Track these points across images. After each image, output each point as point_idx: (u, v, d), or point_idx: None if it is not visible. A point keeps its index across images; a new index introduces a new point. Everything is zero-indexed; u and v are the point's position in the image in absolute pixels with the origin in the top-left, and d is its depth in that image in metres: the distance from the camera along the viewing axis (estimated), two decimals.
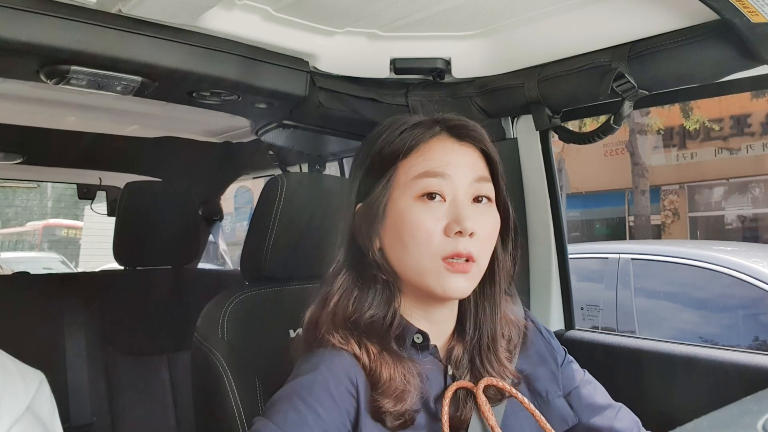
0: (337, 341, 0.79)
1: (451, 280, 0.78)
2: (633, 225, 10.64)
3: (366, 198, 0.83)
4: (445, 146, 0.82)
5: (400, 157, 0.81)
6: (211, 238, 2.73)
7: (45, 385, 0.73)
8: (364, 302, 0.81)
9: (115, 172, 2.62)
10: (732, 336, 3.08)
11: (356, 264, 0.83)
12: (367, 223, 0.82)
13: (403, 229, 0.79)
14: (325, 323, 0.81)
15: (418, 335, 0.83)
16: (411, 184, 0.80)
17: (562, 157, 9.69)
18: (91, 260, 11.77)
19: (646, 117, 9.58)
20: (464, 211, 0.79)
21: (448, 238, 0.78)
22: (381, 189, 0.81)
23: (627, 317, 3.35)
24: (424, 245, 0.78)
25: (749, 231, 10.42)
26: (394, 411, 0.75)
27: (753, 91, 7.23)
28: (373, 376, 0.77)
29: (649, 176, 9.94)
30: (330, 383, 0.76)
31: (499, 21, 1.18)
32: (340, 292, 0.82)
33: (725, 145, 10.47)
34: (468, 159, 0.82)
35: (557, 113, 1.30)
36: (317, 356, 0.79)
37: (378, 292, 0.82)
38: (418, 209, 0.79)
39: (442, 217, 0.79)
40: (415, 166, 0.81)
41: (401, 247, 0.80)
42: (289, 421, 0.73)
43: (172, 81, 1.19)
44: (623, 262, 3.45)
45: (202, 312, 1.07)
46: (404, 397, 0.76)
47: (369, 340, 0.79)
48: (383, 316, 0.81)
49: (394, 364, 0.78)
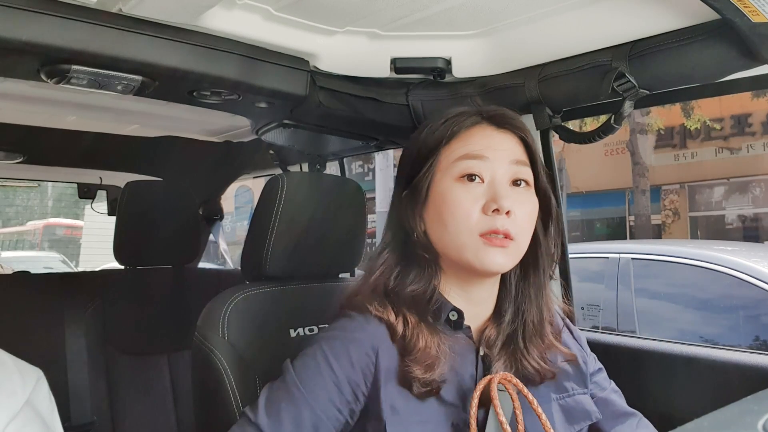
0: (374, 308, 0.85)
1: (489, 254, 0.82)
2: (633, 225, 10.64)
3: (411, 183, 0.89)
4: (485, 132, 0.88)
5: (443, 143, 0.87)
6: (212, 237, 2.73)
7: (43, 382, 0.74)
8: (406, 277, 0.87)
9: (116, 172, 2.62)
10: (732, 336, 3.08)
11: (401, 245, 0.89)
12: (411, 207, 0.88)
13: (443, 208, 0.85)
14: (365, 292, 0.88)
15: (453, 312, 0.87)
16: (452, 166, 0.86)
17: (562, 157, 9.70)
18: (91, 259, 11.78)
19: (647, 116, 9.57)
20: (502, 191, 0.84)
21: (486, 216, 0.83)
22: (424, 173, 0.87)
23: (627, 317, 3.35)
24: (463, 223, 0.83)
25: (750, 231, 10.42)
26: (423, 378, 0.80)
27: (753, 91, 7.23)
28: (408, 344, 0.82)
29: (650, 176, 9.94)
30: (351, 345, 0.82)
31: (499, 21, 1.18)
32: (383, 268, 0.88)
33: (726, 144, 10.47)
34: (507, 144, 0.88)
35: (558, 113, 1.30)
36: (347, 319, 0.86)
37: (420, 269, 0.87)
38: (457, 189, 0.85)
39: (481, 196, 0.84)
40: (456, 150, 0.86)
41: (441, 225, 0.85)
42: (306, 367, 0.82)
43: (172, 80, 1.19)
44: (624, 262, 3.45)
45: (202, 311, 1.07)
46: (435, 366, 0.81)
47: (408, 311, 0.84)
48: (423, 291, 0.86)
49: (431, 335, 0.83)
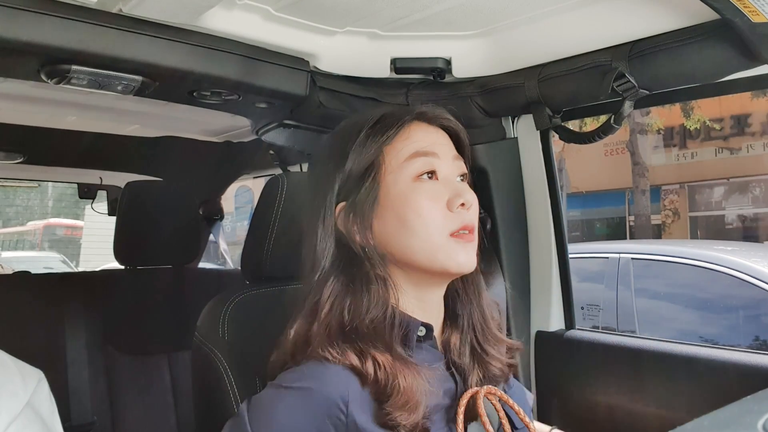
0: (332, 356, 0.74)
1: (461, 252, 0.79)
2: (633, 225, 10.63)
3: (351, 196, 0.81)
4: (423, 128, 0.84)
5: (386, 143, 0.81)
6: (212, 237, 2.73)
7: (44, 383, 0.74)
8: (360, 306, 0.77)
9: (116, 172, 2.62)
10: (732, 336, 3.08)
11: (346, 266, 0.80)
12: (358, 219, 0.80)
13: (407, 212, 0.79)
14: (317, 336, 0.76)
15: (421, 328, 0.81)
16: (404, 165, 0.80)
17: (562, 157, 9.69)
18: (91, 260, 11.77)
19: (647, 117, 9.57)
20: (460, 185, 0.82)
21: (451, 213, 0.79)
22: (371, 180, 0.80)
23: (627, 317, 3.35)
24: (433, 223, 0.78)
25: (750, 231, 10.41)
26: (409, 424, 0.72)
27: (753, 91, 7.22)
28: (384, 389, 0.73)
29: (650, 176, 9.93)
30: (315, 410, 0.72)
31: (499, 21, 1.18)
32: (331, 300, 0.78)
33: (726, 144, 10.46)
34: (444, 139, 0.85)
35: (558, 113, 1.30)
36: (304, 371, 0.75)
37: (373, 292, 0.78)
38: (418, 189, 0.79)
39: (442, 193, 0.80)
40: (404, 148, 0.81)
41: (407, 231, 0.79)
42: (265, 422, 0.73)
43: (172, 80, 1.19)
44: (623, 262, 3.45)
45: (202, 311, 1.07)
46: (419, 406, 0.73)
47: (375, 348, 0.75)
48: (383, 316, 0.77)
49: (410, 372, 0.75)
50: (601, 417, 1.31)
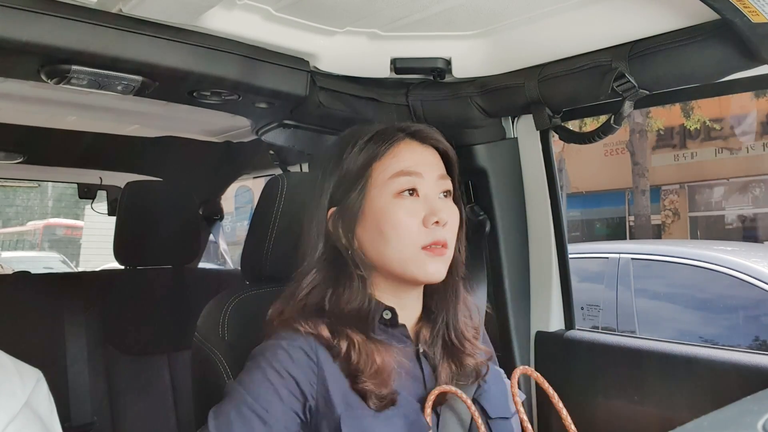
0: (304, 327, 0.85)
1: (431, 264, 0.87)
2: (633, 225, 10.63)
3: (341, 202, 0.90)
4: (412, 148, 0.91)
5: (375, 160, 0.89)
6: (212, 237, 2.73)
7: (42, 383, 0.74)
8: (341, 297, 0.87)
9: (116, 172, 2.62)
10: (732, 336, 3.08)
11: (331, 263, 0.90)
12: (345, 224, 0.89)
13: (384, 224, 0.87)
14: (292, 313, 0.87)
15: (386, 311, 0.90)
16: (388, 183, 0.88)
17: (562, 157, 9.68)
18: (91, 260, 11.78)
19: (647, 117, 9.57)
20: (438, 204, 0.89)
21: (425, 228, 0.87)
22: (358, 191, 0.89)
23: (627, 317, 3.35)
24: (406, 237, 0.87)
25: (749, 231, 10.41)
26: (379, 393, 0.83)
27: (753, 91, 7.23)
28: (358, 365, 0.83)
29: (650, 176, 9.94)
30: (289, 350, 0.84)
31: (499, 21, 1.18)
32: (310, 287, 0.89)
33: (725, 144, 10.46)
34: (432, 159, 0.92)
35: (557, 113, 1.30)
36: (275, 340, 0.86)
37: (354, 288, 0.88)
38: (397, 205, 0.88)
39: (420, 210, 0.88)
40: (390, 166, 0.89)
41: (383, 241, 0.88)
42: (253, 380, 0.83)
43: (172, 81, 1.19)
44: (623, 262, 3.45)
45: (202, 312, 1.07)
46: (389, 381, 0.84)
47: (351, 330, 0.86)
48: (362, 305, 0.88)
49: (384, 350, 0.86)
50: (601, 417, 1.31)
